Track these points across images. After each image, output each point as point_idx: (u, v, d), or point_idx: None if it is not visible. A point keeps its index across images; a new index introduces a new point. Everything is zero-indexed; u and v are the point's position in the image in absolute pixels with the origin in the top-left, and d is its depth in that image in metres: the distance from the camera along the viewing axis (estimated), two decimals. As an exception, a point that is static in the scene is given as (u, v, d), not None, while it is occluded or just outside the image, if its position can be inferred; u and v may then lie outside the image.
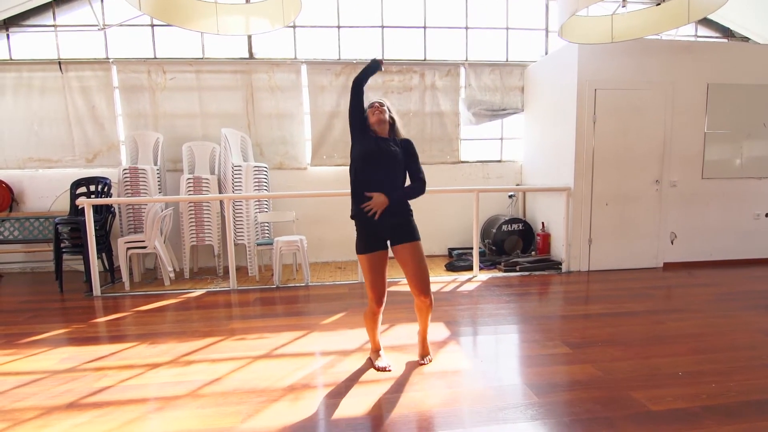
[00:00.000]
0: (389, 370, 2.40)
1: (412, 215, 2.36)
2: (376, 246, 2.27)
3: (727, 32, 6.11)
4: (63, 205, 5.18)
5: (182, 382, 2.33)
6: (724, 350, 2.66)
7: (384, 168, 2.25)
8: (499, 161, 5.99)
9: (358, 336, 2.92)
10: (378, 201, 2.21)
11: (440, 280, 4.49)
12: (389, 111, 2.38)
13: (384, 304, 2.34)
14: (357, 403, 2.07)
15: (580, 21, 3.94)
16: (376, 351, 2.52)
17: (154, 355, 2.70)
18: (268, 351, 2.72)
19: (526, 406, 2.02)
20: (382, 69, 2.41)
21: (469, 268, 4.79)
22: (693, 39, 5.99)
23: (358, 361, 2.56)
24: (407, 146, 2.37)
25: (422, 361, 2.50)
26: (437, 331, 3.00)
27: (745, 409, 1.98)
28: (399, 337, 2.91)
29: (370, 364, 2.49)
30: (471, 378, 2.32)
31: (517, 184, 5.97)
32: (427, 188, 2.39)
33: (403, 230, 2.29)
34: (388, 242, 2.32)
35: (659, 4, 3.63)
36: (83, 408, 2.09)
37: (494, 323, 3.19)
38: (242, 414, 1.99)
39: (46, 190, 5.30)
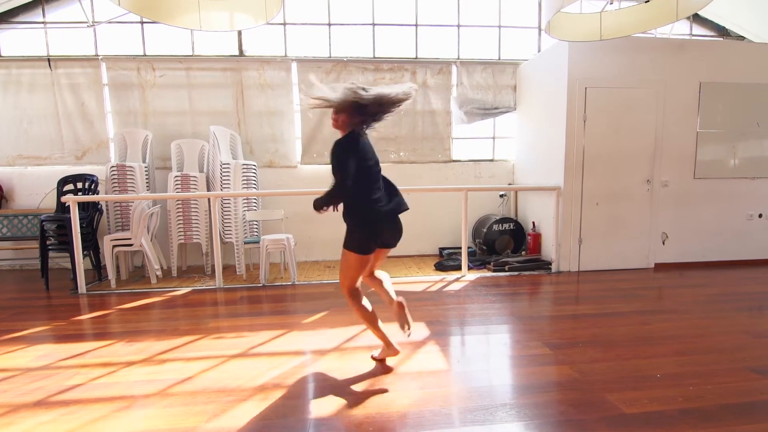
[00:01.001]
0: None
1: None
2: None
3: (722, 31, 6.04)
4: (52, 203, 5.15)
5: (153, 380, 2.30)
6: (709, 352, 2.61)
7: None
8: (491, 160, 5.94)
9: (337, 335, 2.89)
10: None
11: (428, 279, 4.45)
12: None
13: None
14: (325, 404, 2.03)
15: (569, 18, 3.89)
16: (387, 346, 2.46)
17: (129, 354, 2.67)
18: (244, 350, 2.69)
19: (498, 407, 1.98)
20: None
21: (458, 267, 4.75)
22: (687, 37, 5.93)
23: (333, 360, 2.52)
24: None
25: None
26: (418, 330, 2.96)
27: (722, 413, 1.94)
28: (374, 337, 2.86)
29: (379, 363, 2.48)
30: (446, 379, 2.29)
31: (510, 184, 5.92)
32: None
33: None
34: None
35: (648, 1, 3.58)
36: (50, 406, 2.06)
37: (477, 323, 3.15)
38: (208, 413, 1.96)
39: (35, 187, 5.29)
